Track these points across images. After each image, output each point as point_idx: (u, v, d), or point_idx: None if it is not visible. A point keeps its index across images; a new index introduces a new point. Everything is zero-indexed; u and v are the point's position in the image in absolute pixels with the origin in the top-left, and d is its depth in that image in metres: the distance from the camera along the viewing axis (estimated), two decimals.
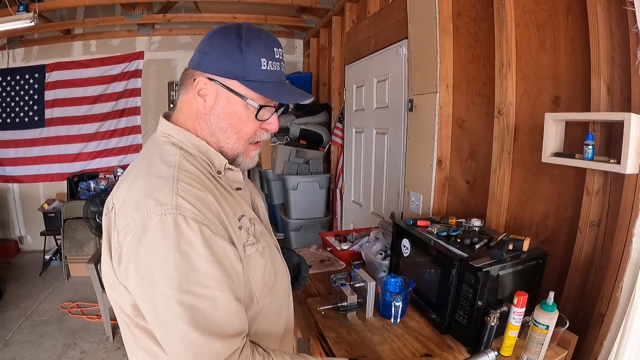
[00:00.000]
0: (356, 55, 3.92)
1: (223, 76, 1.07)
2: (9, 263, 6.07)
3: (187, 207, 0.93)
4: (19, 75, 6.19)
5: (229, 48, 1.05)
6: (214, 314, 0.93)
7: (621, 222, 1.45)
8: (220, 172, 1.12)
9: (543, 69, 1.83)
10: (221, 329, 0.93)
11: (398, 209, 3.12)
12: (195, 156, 1.09)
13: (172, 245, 0.90)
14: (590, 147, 1.47)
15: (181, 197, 0.94)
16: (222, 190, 1.09)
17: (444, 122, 2.52)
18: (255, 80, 1.07)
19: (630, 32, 1.37)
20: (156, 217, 0.91)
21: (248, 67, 1.05)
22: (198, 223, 0.92)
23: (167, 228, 0.90)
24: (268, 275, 1.14)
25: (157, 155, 1.07)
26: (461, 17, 2.38)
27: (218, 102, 1.09)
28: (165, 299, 0.90)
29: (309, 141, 4.93)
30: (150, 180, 0.98)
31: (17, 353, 3.76)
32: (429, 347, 1.53)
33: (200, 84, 1.08)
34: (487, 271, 1.43)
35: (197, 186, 0.99)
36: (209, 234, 0.94)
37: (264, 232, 1.20)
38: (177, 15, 5.79)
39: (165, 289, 0.90)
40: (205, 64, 1.08)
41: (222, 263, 0.95)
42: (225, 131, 1.11)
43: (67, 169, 6.38)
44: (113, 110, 6.34)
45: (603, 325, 1.48)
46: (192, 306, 0.90)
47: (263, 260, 1.12)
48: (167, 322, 0.92)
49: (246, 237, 1.07)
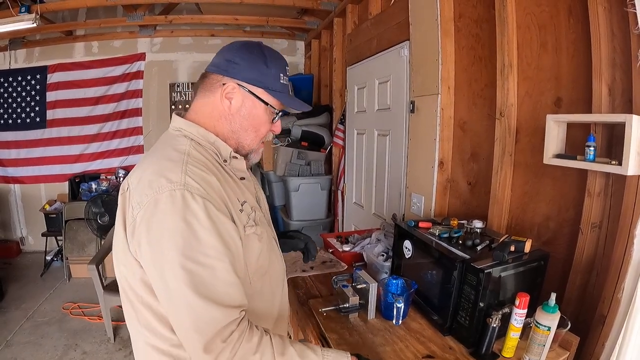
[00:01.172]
0: (358, 56, 3.92)
1: (251, 84, 1.24)
2: (10, 264, 6.08)
3: (193, 185, 1.05)
4: (20, 76, 6.21)
5: (257, 61, 1.24)
6: (213, 282, 1.03)
7: (622, 223, 1.44)
8: (227, 161, 1.25)
9: (545, 70, 1.83)
10: (220, 297, 1.03)
11: (399, 211, 3.12)
12: (204, 146, 1.22)
13: (180, 216, 1.01)
14: (591, 149, 1.47)
15: (189, 177, 1.06)
16: (227, 176, 1.22)
17: (445, 124, 2.52)
18: (276, 90, 1.27)
19: (632, 33, 1.37)
20: (166, 192, 1.03)
21: (272, 79, 1.26)
22: (203, 198, 1.04)
23: (176, 201, 1.02)
24: (262, 259, 1.28)
25: (169, 144, 1.21)
26: (463, 18, 2.39)
27: (245, 105, 1.26)
28: (172, 264, 1.00)
29: (310, 143, 4.93)
30: (163, 162, 1.12)
31: (19, 354, 3.76)
32: (430, 349, 1.53)
33: (228, 88, 1.23)
34: (488, 272, 1.43)
35: (203, 169, 1.11)
36: (212, 208, 1.05)
37: (263, 221, 1.34)
38: (179, 16, 5.79)
39: (172, 254, 1.00)
40: (235, 72, 1.23)
41: (223, 236, 1.06)
42: (246, 130, 1.29)
43: (69, 170, 6.39)
44: (115, 112, 6.35)
45: (605, 327, 1.48)
46: (193, 272, 1.01)
47: (260, 244, 1.25)
48: (172, 286, 1.02)
49: (247, 219, 1.20)
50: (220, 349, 1.01)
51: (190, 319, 1.02)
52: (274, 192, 5.19)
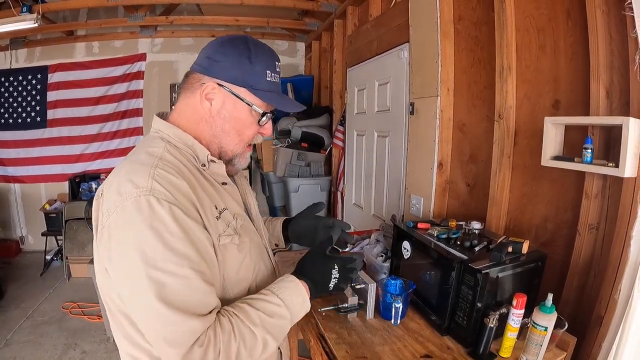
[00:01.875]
0: (358, 58, 3.93)
1: (233, 83, 1.15)
2: (10, 263, 6.08)
3: (160, 190, 0.98)
4: (21, 76, 6.22)
5: (239, 58, 1.14)
6: (187, 292, 0.96)
7: (619, 225, 1.45)
8: (205, 165, 1.17)
9: (543, 72, 1.84)
10: (196, 307, 0.97)
11: (399, 212, 3.13)
12: (180, 149, 1.15)
13: (146, 223, 0.95)
14: (589, 151, 1.48)
15: (156, 181, 0.99)
16: (204, 182, 1.15)
17: (444, 126, 2.53)
18: (261, 89, 1.17)
19: (629, 37, 1.39)
20: (132, 198, 0.97)
21: (256, 77, 1.16)
22: (169, 203, 0.98)
23: (142, 208, 0.96)
24: (245, 271, 1.20)
25: (144, 147, 1.15)
26: (462, 21, 2.40)
27: (225, 107, 1.17)
28: (139, 275, 0.94)
29: (310, 144, 4.93)
30: (133, 166, 1.05)
31: (18, 353, 3.77)
32: (428, 348, 1.54)
33: (208, 88, 1.15)
34: (486, 273, 1.44)
35: (173, 173, 1.04)
36: (180, 214, 0.99)
37: (249, 229, 1.27)
38: (180, 17, 5.80)
39: (139, 265, 0.94)
40: (215, 70, 1.15)
41: (195, 243, 1.00)
42: (228, 134, 1.20)
43: (69, 170, 6.40)
44: (115, 112, 6.36)
45: (602, 328, 1.49)
46: (164, 283, 0.94)
47: (240, 255, 1.17)
48: (142, 300, 0.96)
49: (224, 228, 1.13)
50: (200, 354, 0.95)
51: (163, 332, 0.95)
52: (274, 192, 5.19)
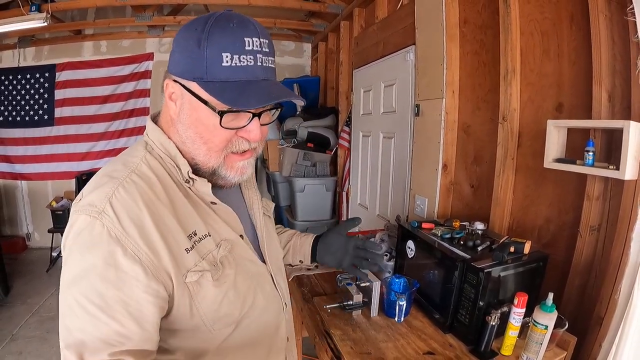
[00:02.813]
0: (364, 59, 3.95)
1: (183, 77, 0.93)
2: (16, 259, 6.10)
3: (110, 215, 0.86)
4: (29, 74, 6.26)
5: (188, 44, 0.90)
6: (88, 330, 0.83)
7: (620, 226, 1.48)
8: (189, 181, 0.99)
9: (547, 76, 1.86)
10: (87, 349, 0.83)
11: (403, 212, 3.15)
12: (164, 159, 1.00)
13: (79, 248, 0.86)
14: (590, 154, 1.50)
15: (110, 204, 0.87)
16: (182, 203, 0.97)
17: (449, 127, 2.55)
18: (215, 80, 0.90)
19: (631, 41, 1.41)
20: (83, 215, 0.86)
21: (207, 65, 0.89)
22: (110, 237, 0.85)
23: (84, 230, 0.85)
24: (228, 307, 1.01)
25: (126, 153, 1.02)
26: (468, 24, 2.42)
27: (183, 108, 0.96)
28: (62, 293, 0.86)
29: (316, 144, 4.96)
30: (102, 179, 0.93)
31: (24, 348, 3.80)
32: (431, 346, 1.56)
33: (169, 87, 0.97)
34: (488, 272, 1.46)
35: (135, 196, 0.89)
36: (118, 253, 0.85)
37: (240, 258, 1.06)
38: (187, 17, 5.77)
39: (63, 284, 0.86)
40: (171, 63, 0.95)
41: (120, 287, 0.85)
42: (194, 141, 0.97)
43: (76, 168, 6.44)
44: (122, 111, 6.40)
45: (602, 328, 1.51)
46: (73, 311, 0.84)
47: (218, 290, 0.98)
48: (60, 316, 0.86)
49: (195, 261, 0.95)
50: None
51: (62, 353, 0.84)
52: (280, 192, 5.22)
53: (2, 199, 6.58)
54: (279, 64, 6.59)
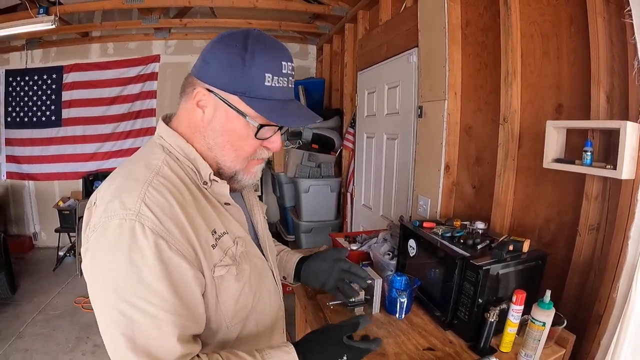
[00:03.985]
0: (368, 61, 3.98)
1: (222, 89, 0.98)
2: (23, 258, 6.17)
3: (148, 216, 0.88)
4: (37, 76, 6.34)
5: (231, 59, 0.96)
6: (154, 333, 0.87)
7: (618, 225, 1.49)
8: (207, 183, 1.04)
9: (547, 77, 1.88)
10: (156, 351, 0.87)
11: (407, 213, 3.17)
12: (182, 162, 1.03)
13: (124, 252, 0.86)
14: (588, 154, 1.52)
15: (145, 205, 0.88)
16: (203, 203, 1.02)
17: (451, 129, 2.57)
18: (258, 97, 0.98)
19: (629, 43, 1.43)
20: (117, 220, 0.87)
21: (250, 82, 0.96)
22: (155, 234, 0.87)
23: (124, 234, 0.86)
24: (244, 301, 1.07)
25: (143, 156, 1.04)
26: (470, 26, 2.44)
27: (216, 117, 1.01)
28: (107, 304, 0.87)
29: (321, 145, 4.99)
30: (126, 182, 0.94)
31: (31, 345, 3.85)
32: (431, 342, 1.59)
33: (199, 95, 1.00)
34: (487, 269, 1.49)
35: (167, 196, 0.92)
36: (164, 247, 0.88)
37: (251, 254, 1.13)
38: (193, 20, 5.87)
39: (109, 294, 0.86)
40: (205, 73, 1.00)
41: (174, 282, 0.89)
42: (222, 147, 1.04)
43: (83, 168, 6.50)
44: (129, 112, 6.46)
45: (601, 326, 1.52)
46: (130, 318, 0.86)
47: (238, 285, 1.04)
48: (106, 328, 0.88)
49: (220, 257, 1.00)
50: None
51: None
52: (285, 193, 5.25)
53: (10, 199, 6.64)
54: None
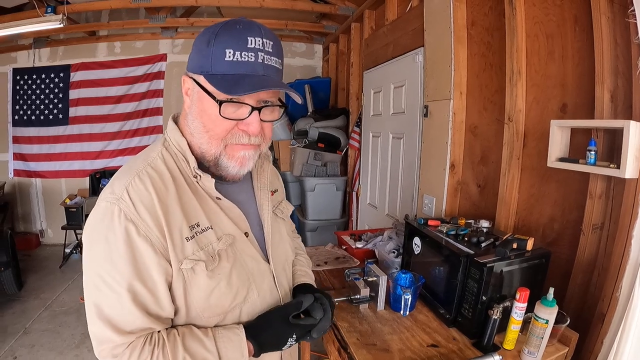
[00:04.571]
0: (374, 61, 3.99)
1: (193, 72, 1.04)
2: (29, 255, 6.20)
3: (126, 201, 0.96)
4: (44, 74, 6.37)
5: (202, 43, 1.02)
6: (116, 307, 0.95)
7: (622, 224, 1.50)
8: (197, 176, 1.07)
9: (551, 77, 1.89)
10: (118, 323, 0.95)
11: (412, 211, 3.18)
12: (177, 156, 1.09)
13: (103, 232, 0.95)
14: (592, 153, 1.54)
15: (126, 191, 0.97)
16: (189, 196, 1.06)
17: (457, 128, 2.58)
18: (218, 73, 0.99)
19: (632, 43, 1.44)
20: (104, 202, 0.97)
21: (212, 60, 0.99)
22: (127, 219, 0.95)
23: (105, 216, 0.96)
24: (218, 298, 1.07)
25: (146, 150, 1.13)
26: (475, 26, 2.45)
27: (193, 100, 1.06)
28: (87, 275, 0.98)
29: (327, 144, 5.00)
30: (122, 172, 1.05)
31: (37, 340, 3.87)
32: (435, 339, 1.61)
33: (185, 82, 1.07)
34: (490, 267, 1.50)
35: (147, 185, 0.99)
36: (132, 232, 0.95)
37: (242, 254, 1.13)
38: (200, 19, 5.90)
39: (89, 266, 0.98)
40: (189, 62, 1.07)
41: (137, 264, 0.96)
42: (199, 130, 1.05)
43: (89, 166, 6.53)
44: (135, 110, 6.48)
45: (604, 325, 1.53)
46: (100, 290, 0.96)
47: (211, 281, 1.04)
48: (87, 296, 0.99)
49: (193, 250, 1.02)
50: None
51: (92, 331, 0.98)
52: (290, 192, 5.27)
53: (17, 197, 6.68)
54: (290, 65, 6.67)
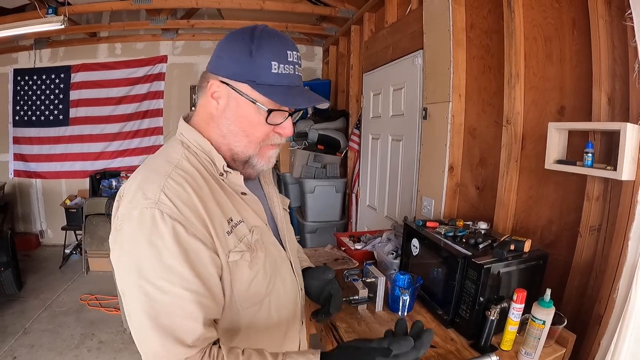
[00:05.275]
0: (374, 63, 4.00)
1: (233, 79, 1.07)
2: (29, 256, 6.21)
3: (166, 203, 0.95)
4: (45, 75, 6.39)
5: (240, 50, 1.05)
6: (175, 311, 0.94)
7: (619, 226, 1.51)
8: (223, 174, 1.12)
9: (550, 80, 1.89)
10: (181, 331, 0.94)
11: (411, 213, 3.19)
12: (199, 156, 1.11)
13: (145, 237, 0.93)
14: (589, 155, 1.54)
15: (164, 194, 0.96)
16: (219, 192, 1.09)
17: (456, 130, 2.59)
18: (265, 83, 1.05)
19: (629, 45, 1.45)
20: (138, 209, 0.95)
21: (258, 70, 1.04)
22: (172, 220, 0.95)
23: (144, 221, 0.94)
24: (257, 287, 1.12)
25: (164, 152, 1.13)
26: (474, 29, 2.46)
27: (229, 105, 1.09)
28: (131, 286, 0.95)
29: (326, 146, 5.01)
30: (148, 174, 1.03)
31: (36, 341, 3.88)
32: (433, 339, 1.60)
33: (213, 87, 1.09)
34: (488, 268, 1.51)
35: (184, 186, 1.00)
36: (181, 231, 0.95)
37: (269, 243, 1.19)
38: (201, 21, 5.93)
39: (133, 277, 0.94)
40: (218, 67, 1.09)
41: (193, 263, 0.96)
42: (235, 134, 1.11)
43: (90, 167, 6.54)
44: (136, 112, 6.50)
45: (601, 326, 1.54)
46: (154, 299, 0.93)
47: (251, 271, 1.10)
48: (132, 310, 0.96)
49: (234, 243, 1.07)
50: None
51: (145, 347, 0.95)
52: (290, 193, 5.26)
53: (17, 197, 6.69)
54: None
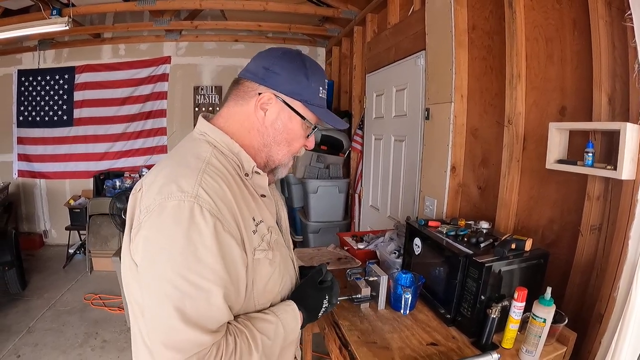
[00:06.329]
0: (377, 64, 4.02)
1: (290, 96, 1.18)
2: (33, 255, 6.23)
3: (205, 199, 0.96)
4: (49, 76, 6.43)
5: (297, 73, 1.17)
6: (204, 306, 0.94)
7: (619, 225, 1.52)
8: (248, 175, 1.16)
9: (551, 80, 1.91)
10: (207, 323, 0.94)
11: (413, 213, 3.20)
12: (226, 156, 1.13)
13: (182, 230, 0.93)
14: (590, 155, 1.56)
15: (202, 189, 0.97)
16: (245, 192, 1.12)
17: (458, 131, 2.60)
18: (315, 104, 1.21)
19: (629, 46, 1.46)
20: (175, 201, 0.95)
21: (311, 93, 1.19)
22: (212, 216, 0.96)
23: (182, 213, 0.94)
24: (273, 284, 1.17)
25: (189, 149, 1.13)
26: (476, 30, 2.47)
27: (280, 118, 1.19)
28: (162, 279, 0.93)
29: (329, 146, 5.02)
30: (179, 168, 1.03)
31: (40, 339, 3.90)
32: (435, 337, 1.63)
33: (264, 98, 1.16)
34: (489, 266, 1.53)
35: (220, 183, 1.02)
36: (220, 229, 0.97)
37: (280, 243, 1.26)
38: (204, 22, 5.96)
39: (166, 269, 0.93)
40: (273, 81, 1.16)
41: (226, 259, 0.98)
42: (279, 143, 1.21)
43: (94, 167, 6.58)
44: (140, 112, 6.53)
45: (602, 325, 1.55)
46: (184, 292, 0.93)
47: (270, 269, 1.15)
48: (159, 302, 0.94)
49: (259, 242, 1.10)
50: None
51: (166, 337, 0.93)
52: (293, 194, 5.25)
53: (21, 197, 6.72)
54: None
